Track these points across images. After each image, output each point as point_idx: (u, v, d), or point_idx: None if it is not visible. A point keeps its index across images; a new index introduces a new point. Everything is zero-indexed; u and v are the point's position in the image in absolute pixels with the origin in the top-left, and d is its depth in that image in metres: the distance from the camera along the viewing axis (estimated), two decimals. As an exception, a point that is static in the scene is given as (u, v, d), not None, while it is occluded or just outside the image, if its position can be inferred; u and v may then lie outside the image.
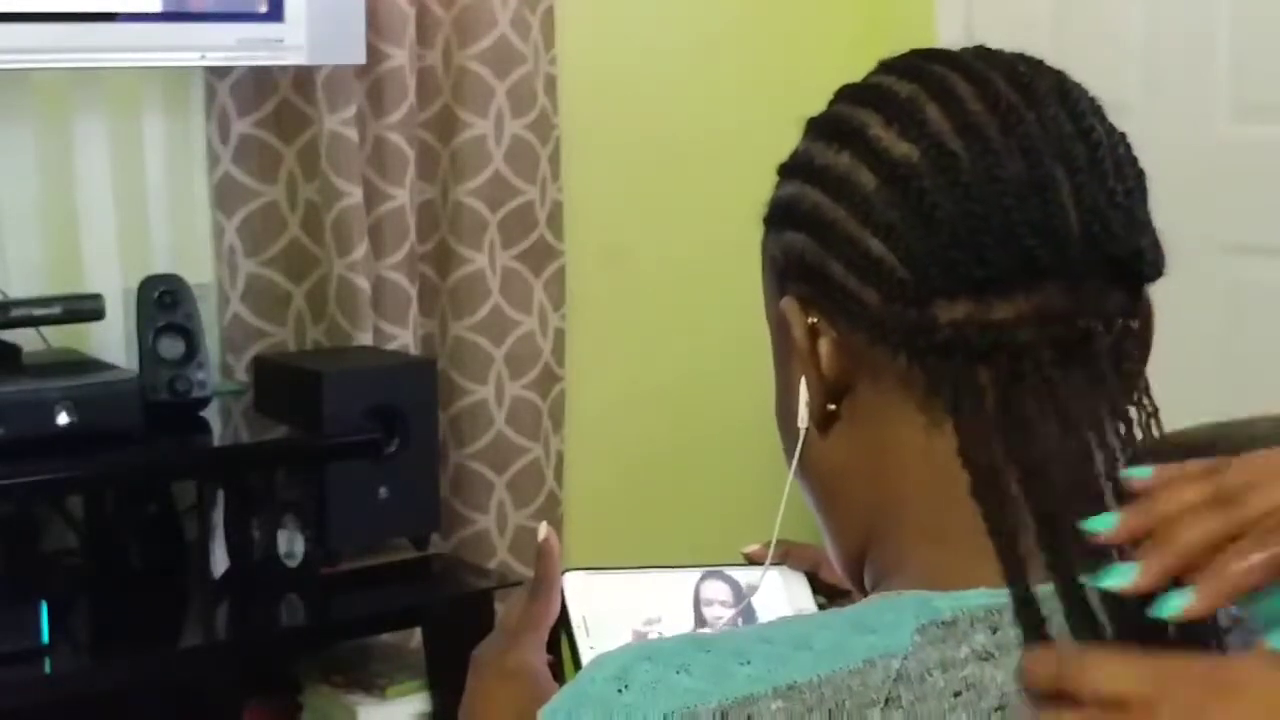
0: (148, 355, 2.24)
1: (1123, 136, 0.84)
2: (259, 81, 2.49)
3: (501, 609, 1.82)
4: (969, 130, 0.80)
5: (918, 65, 0.84)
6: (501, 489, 2.72)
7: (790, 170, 0.86)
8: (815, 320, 0.83)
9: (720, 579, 1.10)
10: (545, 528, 1.05)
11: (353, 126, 2.50)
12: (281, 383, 2.39)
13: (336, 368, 2.34)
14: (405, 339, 2.59)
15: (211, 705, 2.36)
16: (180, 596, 2.36)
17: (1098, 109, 0.84)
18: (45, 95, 2.38)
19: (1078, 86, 0.84)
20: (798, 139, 0.88)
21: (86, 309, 2.22)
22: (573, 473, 2.87)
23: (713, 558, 1.12)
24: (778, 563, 1.11)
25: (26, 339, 2.25)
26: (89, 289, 2.30)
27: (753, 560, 1.10)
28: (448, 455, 2.67)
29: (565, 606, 1.04)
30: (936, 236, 0.79)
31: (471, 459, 2.70)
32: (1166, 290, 0.84)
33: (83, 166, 2.37)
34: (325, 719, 2.35)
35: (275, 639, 2.30)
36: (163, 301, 2.27)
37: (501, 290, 2.72)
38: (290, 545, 2.30)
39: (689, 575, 1.10)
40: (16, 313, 2.18)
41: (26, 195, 2.36)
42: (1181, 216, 0.88)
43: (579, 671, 0.80)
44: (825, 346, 0.83)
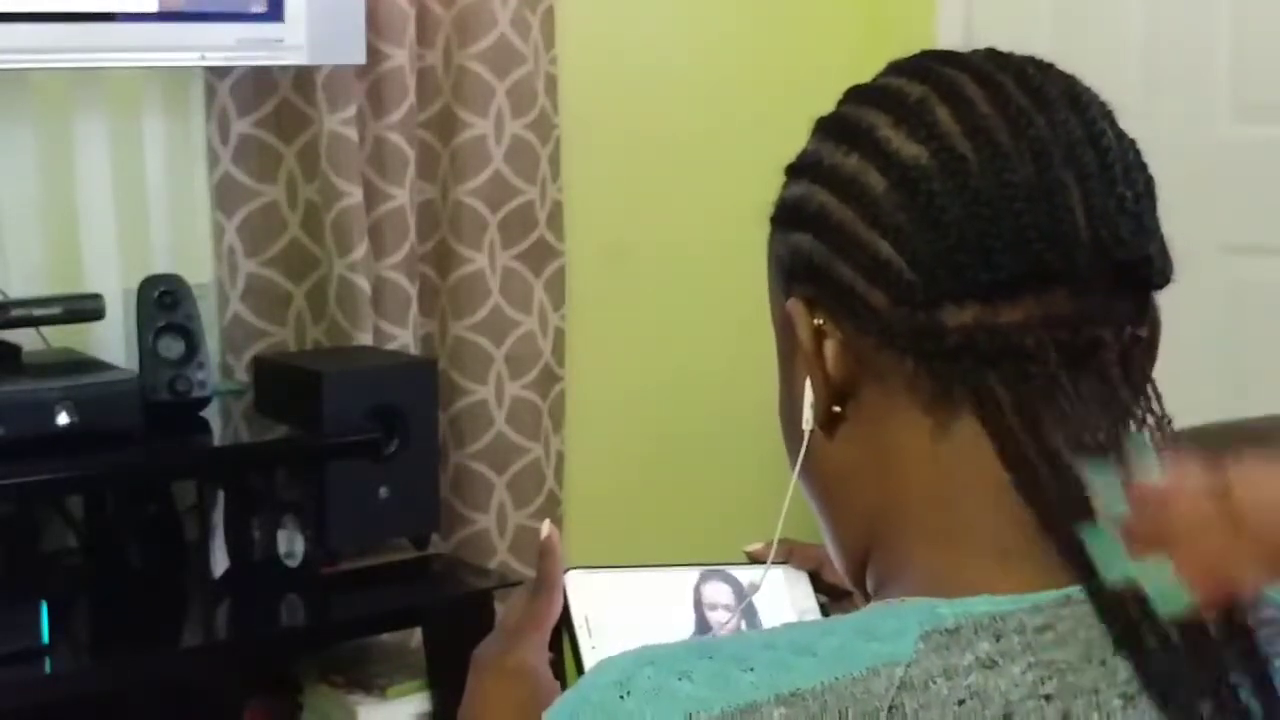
0: (148, 355, 2.24)
1: (1132, 142, 0.84)
2: (259, 81, 2.49)
3: (501, 609, 1.82)
4: (979, 133, 0.80)
5: (928, 67, 0.84)
6: (501, 489, 2.72)
7: (798, 170, 0.86)
8: (821, 322, 0.83)
9: (722, 578, 1.10)
10: (548, 525, 1.05)
11: (353, 126, 2.49)
12: (281, 383, 2.38)
13: (336, 368, 2.34)
14: (405, 339, 2.59)
15: (211, 705, 2.36)
16: (180, 596, 2.36)
17: (1108, 114, 0.84)
18: (45, 95, 2.37)
19: (1088, 91, 0.84)
20: (799, 139, 0.87)
21: (86, 309, 2.22)
22: (573, 473, 2.87)
23: (713, 557, 1.12)
24: (780, 562, 1.11)
25: (26, 339, 2.25)
26: (89, 289, 2.30)
27: (755, 559, 1.10)
28: (448, 455, 2.67)
29: (567, 605, 1.04)
30: (945, 239, 0.79)
31: (471, 459, 2.70)
32: (1167, 290, 0.84)
33: (83, 166, 2.36)
34: (325, 719, 2.35)
35: (275, 639, 2.30)
36: (163, 301, 2.26)
37: (501, 290, 2.72)
38: (290, 545, 2.30)
39: (690, 574, 1.10)
40: (16, 313, 2.17)
41: (26, 195, 2.36)
42: (1181, 216, 0.87)
43: (581, 676, 0.80)
44: (831, 348, 0.83)
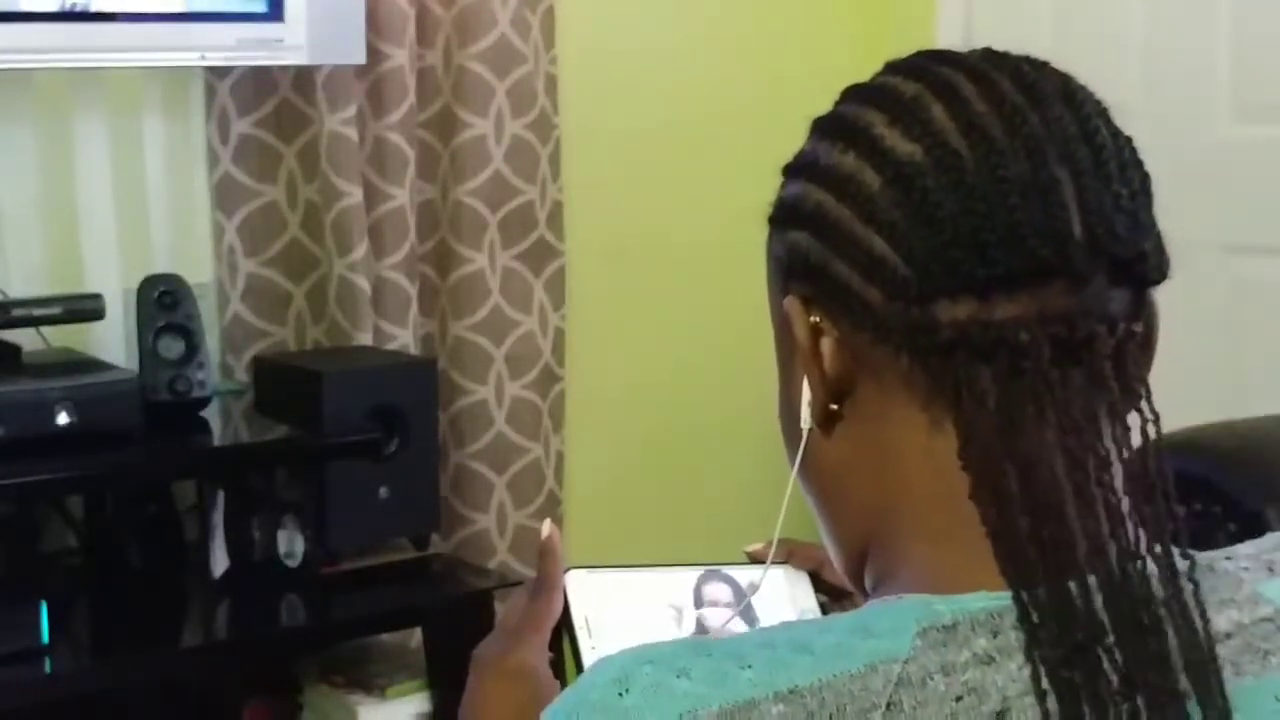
0: (148, 355, 2.24)
1: (1128, 139, 0.84)
2: (259, 81, 2.49)
3: (502, 609, 1.82)
4: (973, 130, 0.80)
5: (923, 66, 0.84)
6: (501, 489, 2.72)
7: (795, 170, 0.86)
8: (818, 320, 0.83)
9: (722, 578, 1.10)
10: (549, 525, 1.05)
11: (353, 126, 2.50)
12: (281, 383, 2.39)
13: (336, 368, 2.34)
14: (405, 339, 2.59)
15: (211, 705, 2.36)
16: (180, 596, 2.36)
17: (1103, 111, 0.84)
18: (45, 95, 2.38)
19: (1083, 88, 0.84)
20: (799, 138, 0.88)
21: (86, 309, 2.22)
22: (573, 473, 2.87)
23: (713, 557, 1.12)
24: (780, 562, 1.11)
25: (26, 339, 2.25)
26: (89, 289, 2.30)
27: (755, 559, 1.10)
28: (448, 455, 2.67)
29: (567, 605, 1.04)
30: (939, 235, 0.79)
31: (471, 459, 2.70)
32: (1167, 290, 0.84)
33: (83, 166, 2.37)
34: (325, 719, 2.35)
35: (275, 639, 2.30)
36: (163, 301, 2.27)
37: (501, 290, 2.72)
38: (290, 545, 2.30)
39: (691, 574, 1.10)
40: (16, 313, 2.18)
41: (26, 195, 2.36)
42: (1181, 216, 0.88)
43: (580, 674, 0.80)
44: (828, 346, 0.83)
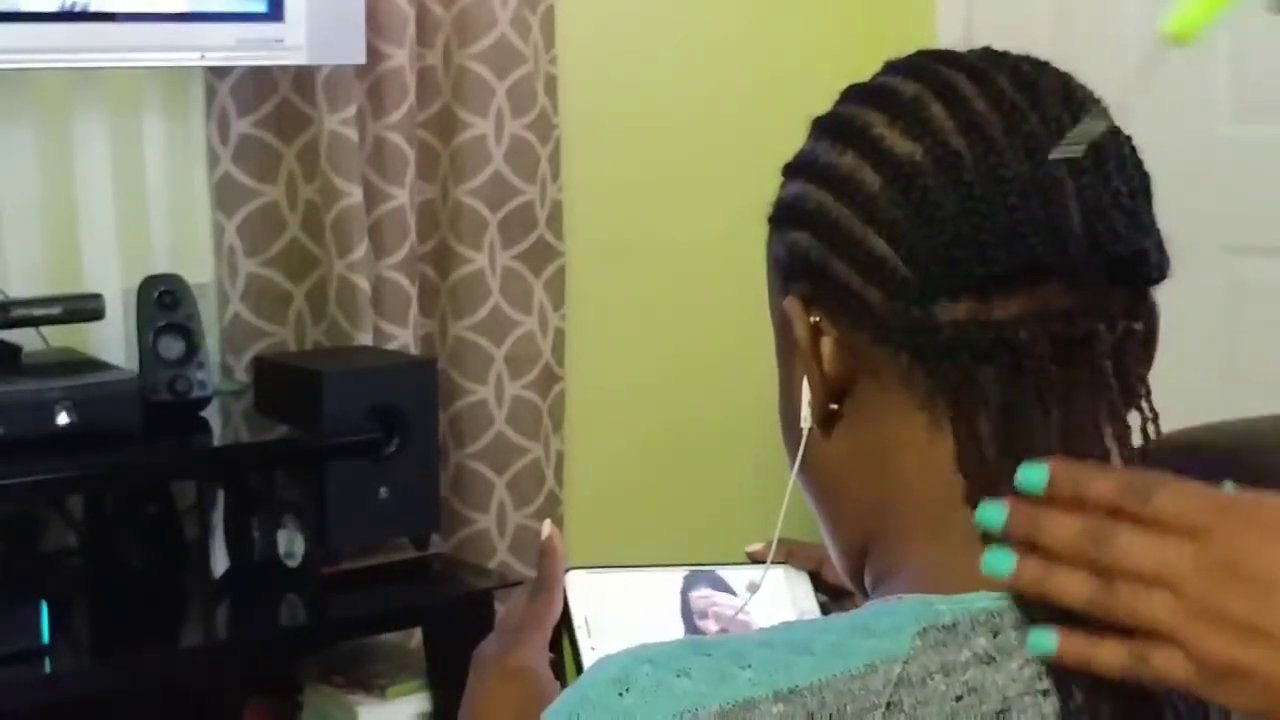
0: (148, 355, 2.24)
1: (1128, 139, 0.84)
2: (259, 81, 2.49)
3: (502, 609, 1.82)
4: (972, 129, 0.80)
5: (923, 65, 0.84)
6: (501, 489, 2.72)
7: (795, 170, 0.86)
8: (818, 319, 0.83)
9: (722, 578, 1.10)
10: (549, 525, 1.05)
11: (353, 126, 2.49)
12: (281, 383, 2.38)
13: (336, 368, 2.34)
14: (405, 339, 2.59)
15: (211, 705, 2.36)
16: (180, 596, 2.36)
17: (1103, 110, 0.84)
18: (45, 95, 2.38)
19: (1082, 88, 0.84)
20: (799, 138, 0.88)
21: (86, 309, 2.22)
22: (573, 473, 2.87)
23: (713, 557, 1.12)
24: (780, 562, 1.11)
25: (26, 339, 2.25)
26: (89, 289, 2.30)
27: (756, 559, 1.10)
28: (448, 455, 2.67)
29: (566, 605, 1.04)
30: (939, 235, 0.79)
31: (471, 459, 2.70)
32: (1166, 290, 0.84)
33: (83, 166, 2.37)
34: (325, 719, 2.35)
35: (275, 639, 2.30)
36: (163, 301, 2.27)
37: (501, 290, 2.72)
38: (290, 545, 2.30)
39: (691, 574, 1.10)
40: (16, 313, 2.17)
41: (26, 195, 2.36)
42: (1181, 216, 0.88)
43: (580, 674, 0.80)
44: (828, 346, 0.83)
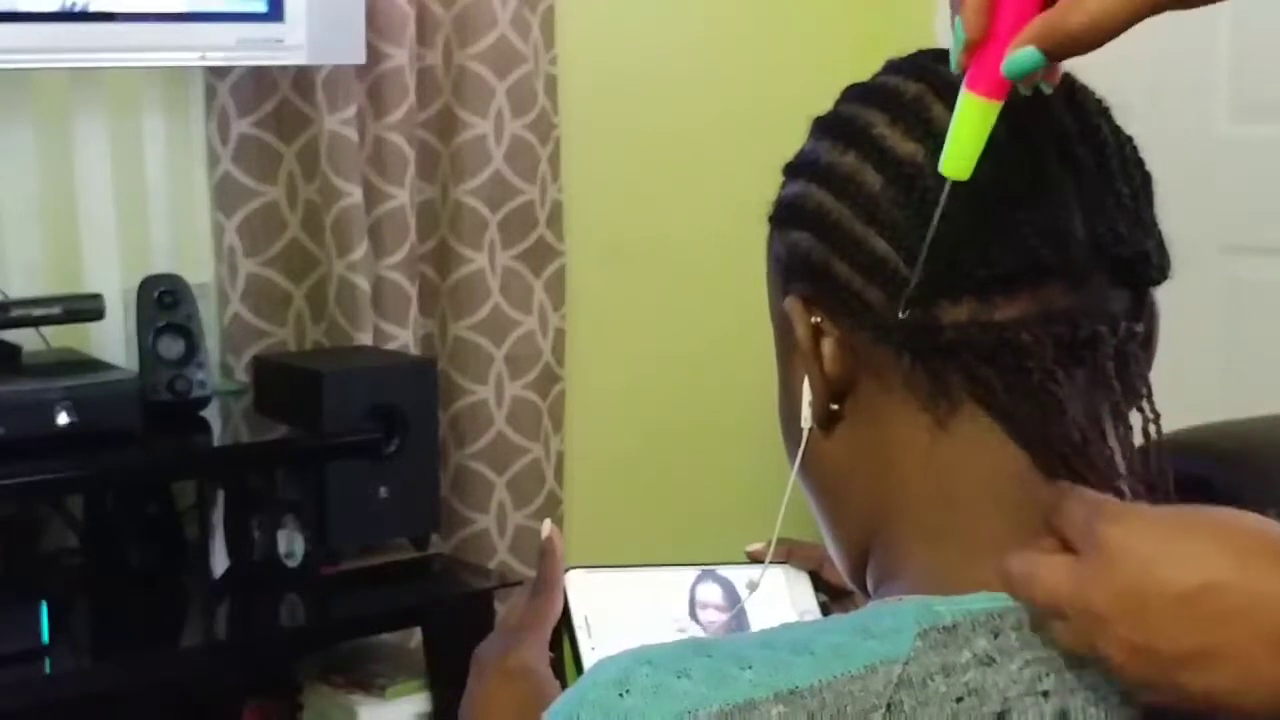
0: (148, 355, 2.24)
1: (1129, 139, 0.84)
2: (259, 81, 2.49)
3: (502, 609, 1.82)
4: None
5: (924, 65, 0.84)
6: (501, 489, 2.72)
7: (795, 169, 0.86)
8: (819, 320, 0.83)
9: (722, 578, 1.10)
10: (549, 525, 1.05)
11: (353, 126, 2.50)
12: (281, 383, 2.38)
13: (336, 368, 2.34)
14: (405, 339, 2.59)
15: (211, 705, 2.36)
16: (180, 596, 2.36)
17: (1105, 111, 0.84)
18: (45, 95, 2.38)
19: (1084, 88, 0.84)
20: (799, 138, 0.88)
21: (86, 309, 2.22)
22: (573, 473, 2.87)
23: (713, 557, 1.12)
24: (780, 561, 1.11)
25: (26, 339, 2.25)
26: (89, 289, 2.30)
27: (755, 558, 1.10)
28: (448, 455, 2.67)
29: (567, 605, 1.04)
30: (941, 236, 0.79)
31: (471, 459, 2.70)
32: (1166, 290, 0.84)
33: (83, 166, 2.37)
34: (325, 719, 2.35)
35: (275, 639, 2.30)
36: (163, 301, 2.27)
37: (501, 290, 2.72)
38: (290, 545, 2.30)
39: (691, 573, 1.10)
40: (16, 313, 2.17)
41: (26, 195, 2.36)
42: (1181, 216, 0.88)
43: (580, 674, 0.80)
44: (828, 346, 0.83)
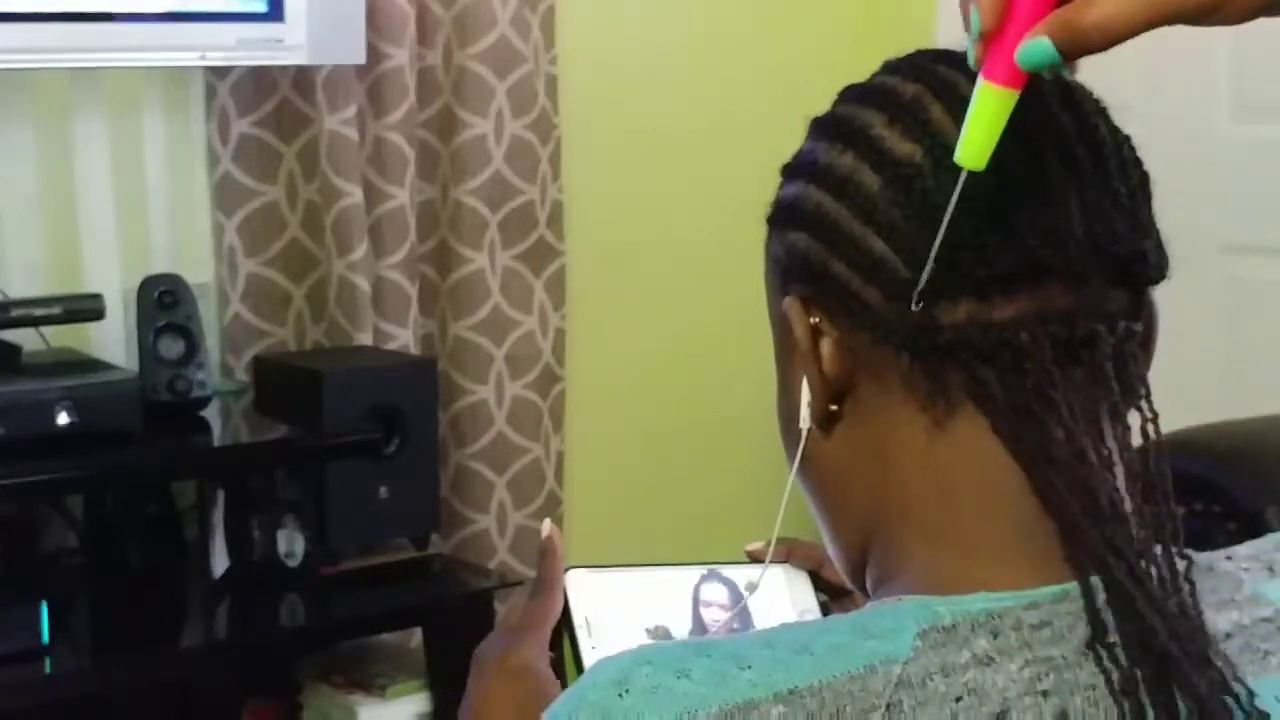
0: (148, 355, 2.24)
1: (1127, 138, 0.84)
2: (259, 81, 2.49)
3: (502, 609, 1.82)
4: None
5: (922, 65, 0.84)
6: (501, 489, 2.72)
7: (793, 170, 0.86)
8: (817, 320, 0.83)
9: (722, 578, 1.10)
10: (549, 525, 1.05)
11: (353, 126, 2.50)
12: (281, 383, 2.39)
13: (336, 368, 2.34)
14: (405, 339, 2.59)
15: (211, 705, 2.36)
16: (180, 596, 2.36)
17: (1102, 110, 0.84)
18: (45, 95, 2.38)
19: (1081, 88, 0.84)
20: (799, 138, 0.88)
21: (86, 309, 2.22)
22: (573, 473, 2.87)
23: (713, 557, 1.12)
24: (780, 561, 1.11)
25: (26, 339, 2.25)
26: (89, 289, 2.30)
27: (755, 558, 1.10)
28: (448, 455, 2.67)
29: (567, 605, 1.04)
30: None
31: (471, 459, 2.70)
32: (1166, 290, 0.84)
33: (83, 166, 2.37)
34: (325, 719, 2.35)
35: (275, 639, 2.30)
36: (163, 301, 2.27)
37: (501, 290, 2.72)
38: (290, 545, 2.30)
39: (691, 573, 1.10)
40: (16, 313, 2.17)
41: (26, 195, 2.36)
42: (1181, 216, 0.88)
43: (580, 674, 0.80)
44: (827, 347, 0.83)
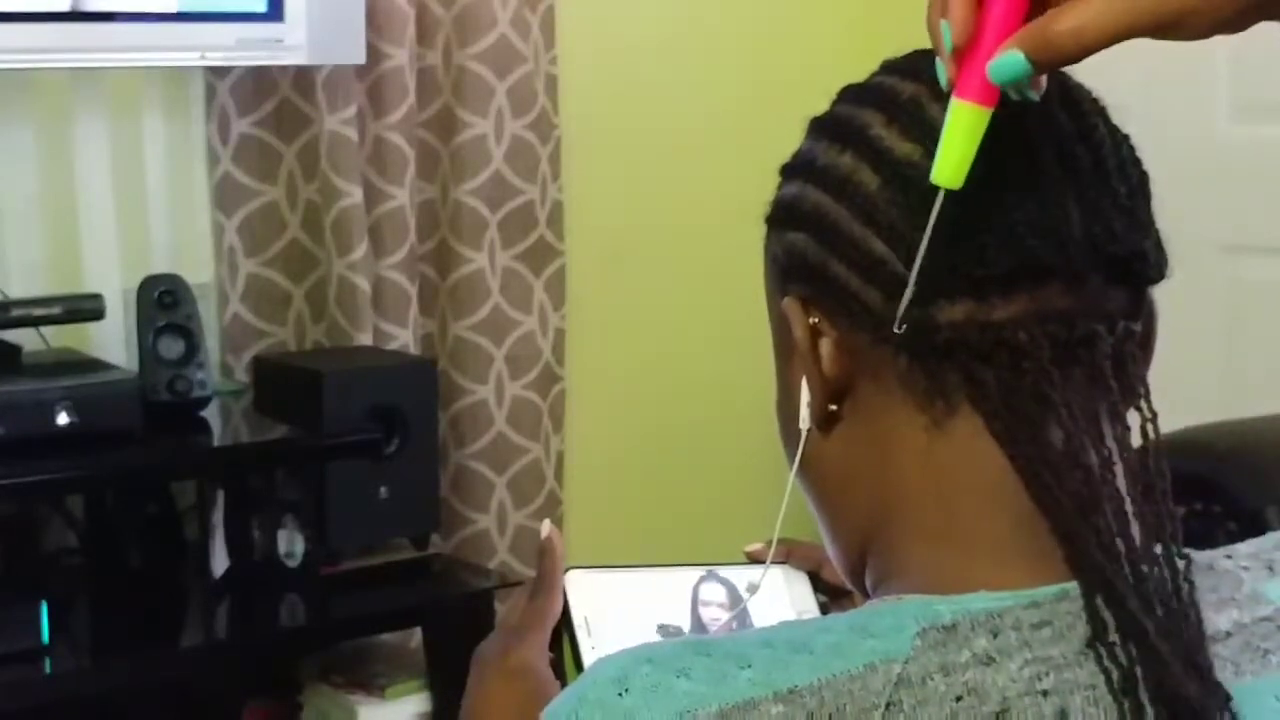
0: (148, 355, 2.24)
1: (1126, 138, 0.84)
2: (259, 81, 2.49)
3: (502, 609, 1.82)
4: None
5: (921, 65, 0.84)
6: (501, 489, 2.72)
7: (792, 170, 0.86)
8: (816, 320, 0.83)
9: (721, 579, 1.10)
10: (548, 525, 1.05)
11: (353, 126, 2.49)
12: (281, 383, 2.39)
13: (336, 368, 2.34)
14: (405, 339, 2.59)
15: (211, 705, 2.36)
16: (180, 596, 2.36)
17: (1101, 110, 0.84)
18: (45, 95, 2.38)
19: (1080, 87, 0.84)
20: (798, 138, 0.88)
21: (86, 309, 2.22)
22: (573, 473, 2.87)
23: (713, 557, 1.12)
24: (780, 562, 1.11)
25: (26, 339, 2.25)
26: (89, 289, 2.30)
27: (755, 559, 1.10)
28: (448, 455, 2.67)
29: (567, 605, 1.04)
30: (938, 236, 0.79)
31: (471, 459, 2.70)
32: (1166, 290, 0.84)
33: (83, 166, 2.36)
34: (325, 719, 2.35)
35: (275, 639, 2.30)
36: (163, 301, 2.26)
37: (501, 290, 2.72)
38: (290, 545, 2.30)
39: (691, 574, 1.10)
40: (16, 313, 2.17)
41: (26, 195, 2.36)
42: (1181, 216, 0.88)
43: (580, 674, 0.80)
44: (826, 347, 0.83)
